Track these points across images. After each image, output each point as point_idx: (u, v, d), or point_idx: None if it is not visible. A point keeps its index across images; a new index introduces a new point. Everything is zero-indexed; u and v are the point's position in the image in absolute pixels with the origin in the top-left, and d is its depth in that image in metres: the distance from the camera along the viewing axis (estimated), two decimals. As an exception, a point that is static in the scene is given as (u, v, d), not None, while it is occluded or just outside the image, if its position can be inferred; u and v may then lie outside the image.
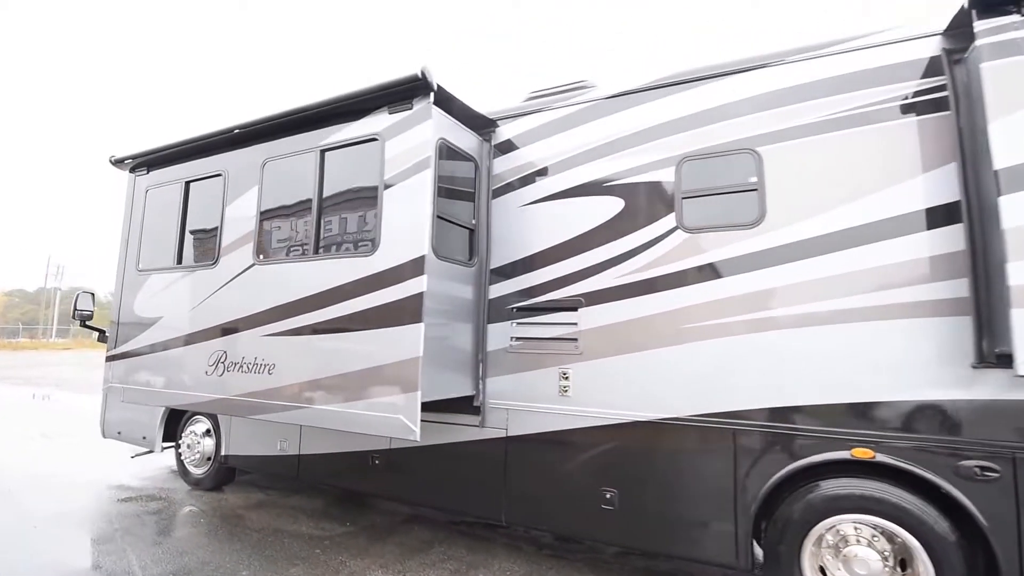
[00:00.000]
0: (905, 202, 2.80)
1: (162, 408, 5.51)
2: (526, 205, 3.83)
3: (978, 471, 2.58)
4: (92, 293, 6.15)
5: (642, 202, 3.44)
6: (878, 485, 2.77)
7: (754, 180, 3.14)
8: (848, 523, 2.85)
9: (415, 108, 3.34)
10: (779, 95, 3.12)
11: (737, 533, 3.00)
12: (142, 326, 4.54)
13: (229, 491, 5.39)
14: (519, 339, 3.73)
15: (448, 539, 4.26)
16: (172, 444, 5.67)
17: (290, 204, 3.90)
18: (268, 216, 3.96)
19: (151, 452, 5.92)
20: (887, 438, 2.74)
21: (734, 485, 3.03)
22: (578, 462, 3.46)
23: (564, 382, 3.54)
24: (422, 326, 3.12)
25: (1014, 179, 2.38)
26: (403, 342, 3.16)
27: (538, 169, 3.80)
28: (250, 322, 3.83)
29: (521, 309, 3.76)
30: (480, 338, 3.81)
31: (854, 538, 2.84)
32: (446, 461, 3.89)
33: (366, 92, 3.42)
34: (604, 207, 3.55)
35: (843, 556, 2.84)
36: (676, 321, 3.24)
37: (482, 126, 3.93)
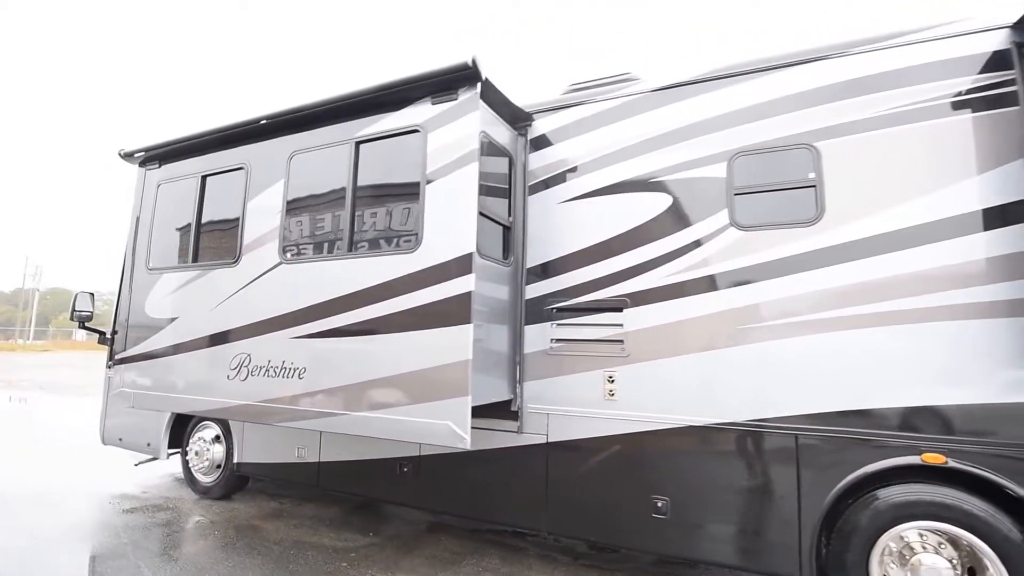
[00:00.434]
0: (972, 199, 2.73)
1: (168, 413, 5.26)
2: (565, 202, 3.69)
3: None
4: (91, 293, 5.86)
5: (691, 199, 3.33)
6: (947, 491, 2.69)
7: (812, 176, 3.05)
8: (913, 530, 2.76)
9: (460, 99, 3.19)
10: (839, 88, 3.03)
11: (800, 543, 2.89)
12: (155, 328, 4.30)
13: (239, 500, 5.15)
14: (560, 341, 3.59)
15: (479, 550, 4.09)
16: (176, 450, 5.41)
17: (320, 199, 3.71)
18: (295, 212, 3.76)
19: (154, 459, 5.66)
20: (959, 443, 2.66)
21: (797, 493, 2.92)
22: (626, 469, 3.33)
23: (610, 385, 3.41)
24: (471, 327, 2.96)
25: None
26: (450, 344, 2.99)
27: (579, 164, 3.67)
28: (277, 323, 3.63)
29: (561, 310, 3.62)
30: (517, 340, 3.67)
31: (919, 545, 2.76)
32: (481, 468, 3.73)
33: (407, 81, 3.26)
34: (650, 204, 3.43)
35: (911, 565, 2.75)
36: (731, 322, 3.13)
37: (518, 120, 3.79)
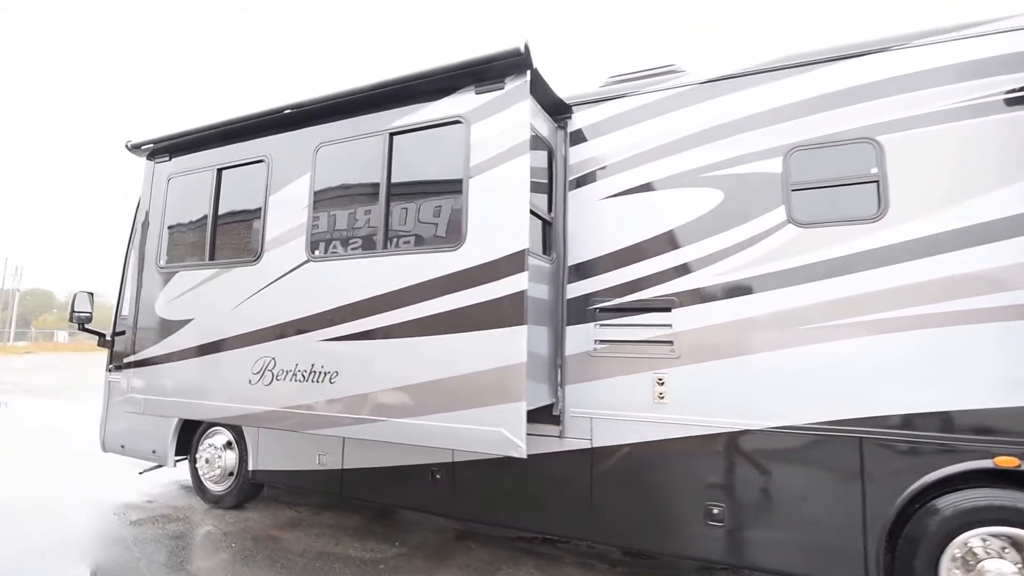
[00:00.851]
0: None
1: (175, 419, 5.01)
2: (609, 197, 3.55)
3: None
4: (90, 293, 5.57)
5: (745, 194, 3.20)
6: (1018, 494, 2.62)
7: (875, 171, 2.95)
8: (976, 536, 2.68)
9: (507, 88, 3.01)
10: (903, 81, 2.92)
11: (867, 550, 2.79)
12: (167, 329, 4.06)
13: (253, 509, 4.93)
14: (604, 342, 3.45)
15: (513, 558, 3.94)
16: (183, 457, 5.17)
17: (350, 193, 3.51)
18: (323, 207, 3.55)
19: (159, 467, 5.40)
20: (1034, 446, 2.58)
21: (862, 498, 2.82)
22: (679, 475, 3.20)
23: (660, 388, 3.27)
24: (525, 329, 2.79)
25: None
26: (501, 347, 2.83)
27: (623, 159, 3.52)
28: (305, 325, 3.42)
29: (605, 310, 3.47)
30: (558, 341, 3.51)
31: (982, 551, 2.68)
32: (521, 475, 3.57)
33: (449, 69, 3.08)
34: (701, 199, 3.30)
35: (977, 571, 2.67)
36: (790, 322, 3.02)
37: (558, 112, 3.63)
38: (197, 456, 5.01)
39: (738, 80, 3.28)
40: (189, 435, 5.13)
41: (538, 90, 3.27)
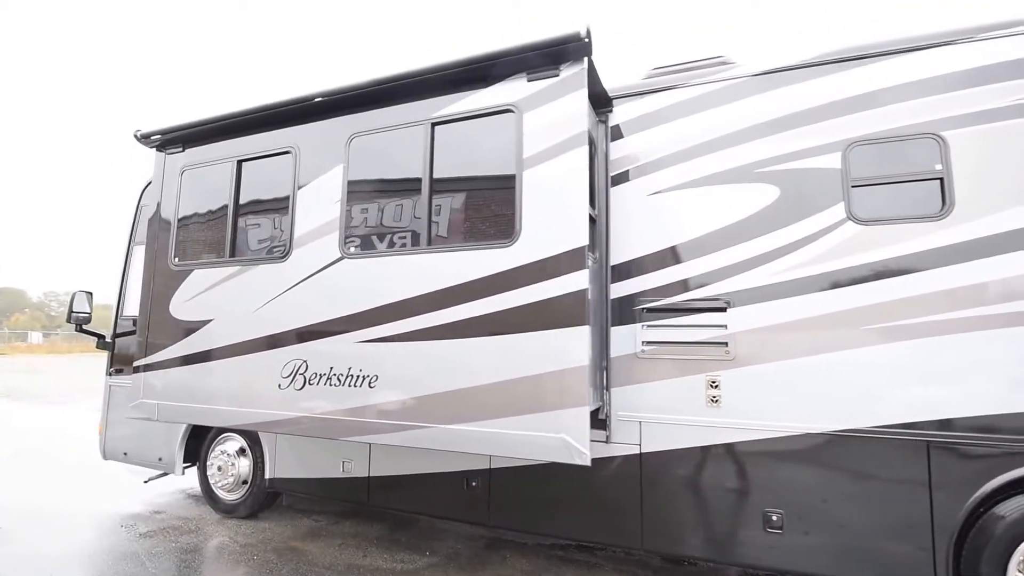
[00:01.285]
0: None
1: (183, 425, 4.76)
2: (655, 194, 3.42)
3: None
4: (89, 293, 5.27)
5: (802, 191, 3.10)
6: None
7: (939, 168, 2.87)
8: None
9: (563, 75, 2.86)
10: (969, 75, 2.85)
11: (935, 555, 2.72)
12: (183, 331, 3.82)
13: (268, 519, 4.70)
14: (652, 343, 3.32)
15: (551, 568, 3.80)
16: (188, 465, 4.91)
17: (388, 186, 3.32)
18: (358, 201, 3.36)
19: (165, 475, 5.14)
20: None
21: (929, 502, 2.74)
22: (735, 481, 3.09)
23: (714, 391, 3.16)
24: (587, 330, 2.66)
25: None
26: (561, 348, 2.68)
27: (669, 153, 3.40)
28: (340, 326, 3.23)
29: (653, 310, 3.35)
30: (603, 343, 3.38)
31: (1041, 555, 2.63)
32: (564, 482, 3.43)
33: (498, 55, 2.92)
34: (755, 196, 3.19)
35: None
36: (852, 322, 2.93)
37: (600, 104, 3.49)
38: (208, 464, 4.76)
39: (795, 72, 3.18)
40: (198, 441, 4.89)
41: (589, 79, 3.13)
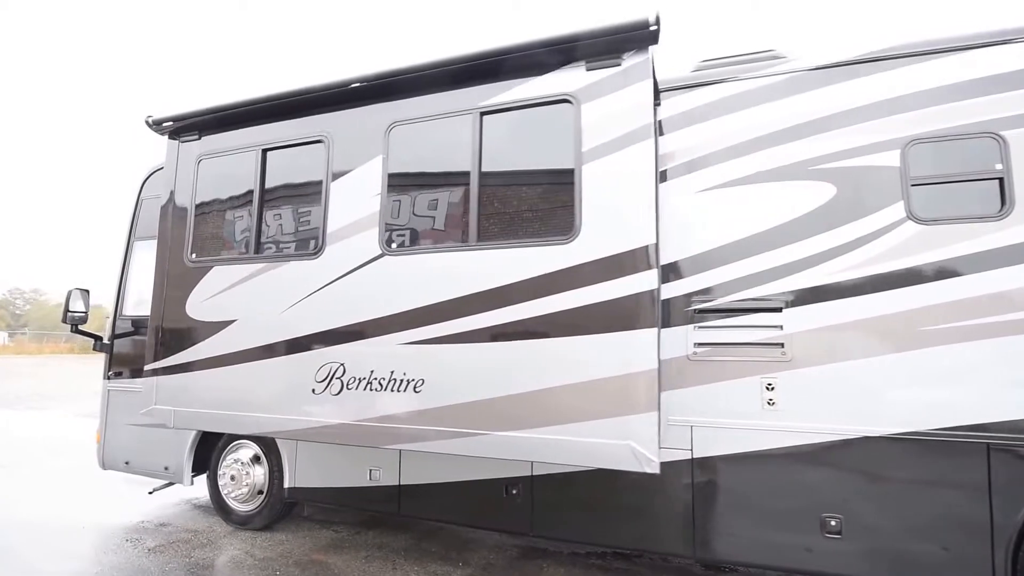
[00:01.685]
0: None
1: (192, 432, 4.50)
2: (705, 191, 3.32)
3: None
4: (86, 291, 4.95)
5: (860, 189, 3.03)
6: None
7: (999, 168, 2.84)
8: None
9: (626, 64, 2.73)
10: (1031, 74, 2.82)
11: (994, 560, 2.67)
12: (201, 332, 3.57)
13: (283, 530, 4.46)
14: (704, 345, 3.22)
15: (590, 576, 3.68)
16: (196, 474, 4.65)
17: (433, 179, 3.15)
18: (400, 194, 3.17)
19: (171, 485, 4.86)
20: None
21: (989, 506, 2.70)
22: (791, 485, 3.01)
23: (769, 394, 3.07)
24: (655, 332, 2.53)
25: None
26: (628, 351, 2.55)
27: (721, 149, 3.30)
28: (381, 327, 3.04)
29: (705, 311, 3.25)
30: (652, 344, 3.26)
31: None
32: (612, 488, 3.31)
33: (555, 42, 2.77)
34: (811, 194, 3.11)
35: None
36: (912, 323, 2.87)
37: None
38: (219, 473, 4.50)
39: (853, 68, 3.11)
40: (207, 449, 4.62)
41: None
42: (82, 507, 4.96)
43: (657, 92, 3.37)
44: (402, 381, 2.96)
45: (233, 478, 4.41)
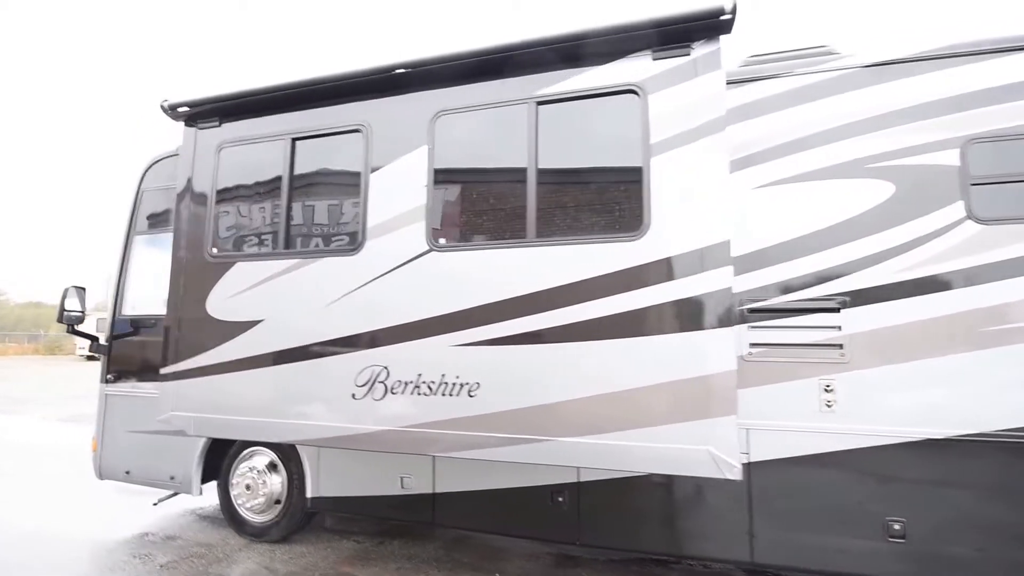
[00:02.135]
0: None
1: (202, 439, 4.23)
2: (758, 188, 3.24)
3: None
4: (83, 288, 4.62)
5: (918, 187, 2.99)
6: None
7: None
8: None
9: (695, 54, 2.62)
10: (1092, 73, 2.82)
11: (1066, 563, 2.66)
12: (225, 333, 3.33)
13: (301, 541, 4.22)
14: (759, 345, 3.14)
15: (633, 584, 3.57)
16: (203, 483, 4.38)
17: (484, 171, 2.99)
18: (447, 186, 3.00)
19: (175, 495, 4.57)
20: None
21: (1061, 509, 2.69)
22: (853, 489, 2.95)
23: (828, 396, 3.01)
24: (732, 332, 2.43)
25: None
26: (704, 352, 2.44)
27: (774, 145, 3.22)
28: (429, 327, 2.87)
29: (759, 311, 3.17)
30: (704, 344, 3.17)
31: None
32: (664, 494, 3.21)
33: (620, 29, 2.64)
34: (869, 192, 3.06)
35: None
36: (974, 323, 2.84)
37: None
38: (233, 482, 4.24)
39: (910, 65, 3.07)
40: (215, 457, 4.35)
41: None
42: (75, 519, 4.63)
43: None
44: (454, 385, 2.79)
45: (248, 487, 4.16)
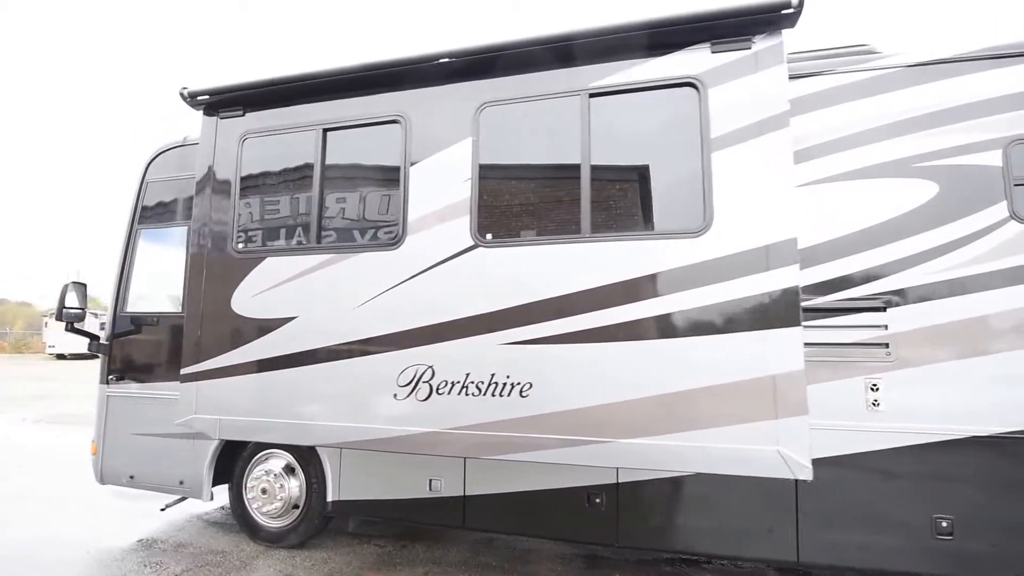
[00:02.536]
0: None
1: (213, 441, 4.04)
2: (804, 186, 3.22)
3: None
4: (83, 284, 4.37)
5: (961, 187, 3.00)
6: None
7: None
8: None
9: (756, 48, 2.58)
10: None
11: (1112, 560, 2.70)
12: (254, 331, 3.16)
13: (320, 547, 4.07)
14: (805, 345, 3.11)
15: (669, 586, 3.52)
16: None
17: (533, 164, 2.89)
18: (493, 180, 2.90)
19: (183, 499, 4.36)
20: None
21: (1106, 505, 2.73)
22: (900, 487, 2.95)
23: (874, 394, 3.01)
24: (799, 331, 2.39)
25: None
26: (772, 351, 2.40)
27: (815, 144, 3.20)
28: (477, 325, 2.76)
29: (805, 311, 3.15)
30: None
31: None
32: (706, 494, 3.16)
33: (679, 20, 2.58)
34: (913, 191, 3.07)
35: None
36: (1018, 322, 2.87)
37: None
38: (247, 486, 4.06)
39: (953, 66, 3.09)
40: (227, 460, 4.17)
41: None
42: (76, 526, 4.38)
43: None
44: (505, 385, 2.69)
45: (264, 491, 3.98)
